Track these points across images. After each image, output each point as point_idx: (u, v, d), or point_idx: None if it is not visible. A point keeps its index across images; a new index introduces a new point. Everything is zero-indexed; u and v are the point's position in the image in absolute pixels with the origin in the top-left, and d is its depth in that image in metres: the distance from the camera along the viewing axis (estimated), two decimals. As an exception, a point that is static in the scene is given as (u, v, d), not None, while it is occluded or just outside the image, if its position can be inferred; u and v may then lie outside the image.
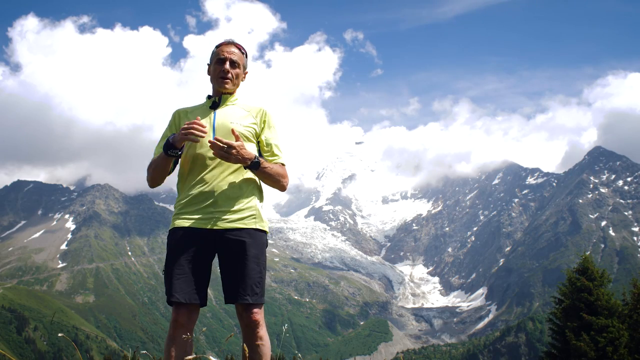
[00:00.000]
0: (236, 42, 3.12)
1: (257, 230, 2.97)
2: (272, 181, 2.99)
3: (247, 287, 2.85)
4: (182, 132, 2.77)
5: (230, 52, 3.05)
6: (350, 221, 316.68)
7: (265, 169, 2.92)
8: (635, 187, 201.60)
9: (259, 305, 2.90)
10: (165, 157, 2.89)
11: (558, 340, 14.95)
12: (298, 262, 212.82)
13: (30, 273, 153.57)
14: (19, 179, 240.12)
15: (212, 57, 3.10)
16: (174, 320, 2.80)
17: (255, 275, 2.89)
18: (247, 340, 2.88)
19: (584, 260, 15.38)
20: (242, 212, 2.94)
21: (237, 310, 2.92)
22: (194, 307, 2.85)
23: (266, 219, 3.06)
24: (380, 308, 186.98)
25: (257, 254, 2.92)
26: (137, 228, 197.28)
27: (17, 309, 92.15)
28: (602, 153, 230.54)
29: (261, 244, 2.97)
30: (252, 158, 2.84)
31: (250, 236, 2.92)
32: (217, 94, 3.09)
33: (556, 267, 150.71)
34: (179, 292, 2.79)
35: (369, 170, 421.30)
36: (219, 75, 3.03)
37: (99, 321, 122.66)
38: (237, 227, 2.91)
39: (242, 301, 2.84)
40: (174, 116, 3.17)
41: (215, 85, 3.09)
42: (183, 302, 2.79)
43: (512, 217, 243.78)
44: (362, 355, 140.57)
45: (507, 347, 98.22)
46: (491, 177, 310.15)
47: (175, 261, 2.85)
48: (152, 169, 3.01)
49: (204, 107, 3.10)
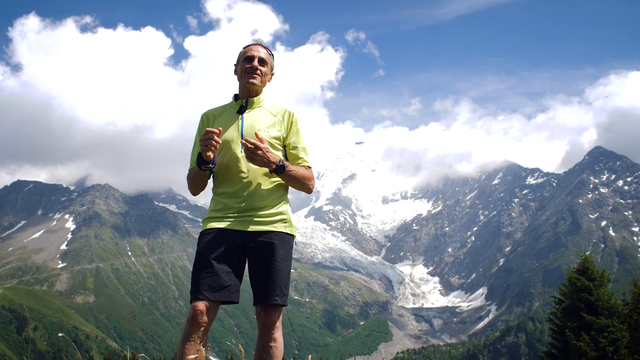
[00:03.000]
0: (264, 44, 3.15)
1: (286, 234, 3.03)
2: (299, 184, 3.03)
3: (277, 288, 2.89)
4: (201, 144, 2.82)
5: (258, 51, 3.09)
6: (350, 221, 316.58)
7: (290, 172, 2.95)
8: (635, 187, 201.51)
9: (280, 307, 2.94)
10: (199, 171, 2.95)
11: (558, 340, 14.93)
12: (298, 262, 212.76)
13: (30, 273, 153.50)
14: (19, 179, 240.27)
15: (240, 56, 3.13)
16: (191, 317, 2.82)
17: (284, 277, 2.95)
18: (261, 341, 2.92)
19: (584, 260, 15.37)
20: (273, 216, 2.99)
21: (257, 310, 2.95)
22: (213, 306, 2.87)
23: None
24: (380, 308, 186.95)
25: (285, 256, 2.98)
26: (137, 228, 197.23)
27: (17, 309, 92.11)
28: (602, 153, 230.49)
29: (289, 247, 3.03)
30: (277, 162, 2.88)
31: (279, 239, 2.98)
32: (245, 95, 3.11)
33: (556, 267, 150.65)
34: (207, 291, 2.83)
35: (369, 170, 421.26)
36: (247, 70, 3.05)
37: (99, 321, 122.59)
38: (268, 230, 2.96)
39: (272, 302, 2.87)
40: (202, 120, 3.18)
41: (243, 82, 3.09)
42: (212, 300, 2.83)
43: (512, 217, 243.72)
44: (362, 355, 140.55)
45: (507, 347, 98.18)
46: (491, 177, 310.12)
47: (204, 260, 2.90)
48: (190, 182, 3.07)
49: (232, 111, 3.11)
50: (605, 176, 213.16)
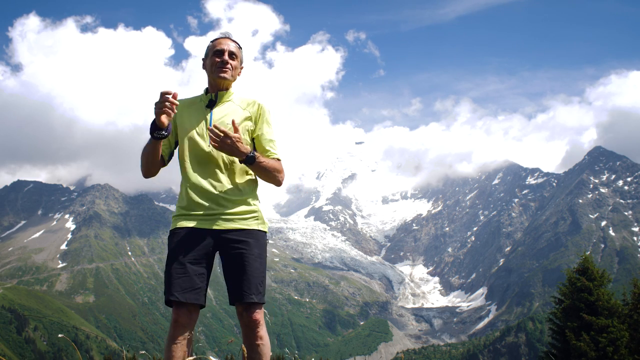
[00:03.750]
0: (232, 37, 3.07)
1: (259, 230, 2.98)
2: (268, 176, 2.96)
3: (252, 287, 2.85)
4: (156, 105, 2.73)
5: (228, 45, 3.01)
6: (350, 221, 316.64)
7: (261, 163, 2.89)
8: (635, 187, 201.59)
9: (261, 305, 2.90)
10: (153, 140, 2.83)
11: (558, 340, 14.94)
12: (298, 262, 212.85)
13: (30, 273, 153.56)
14: (19, 179, 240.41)
15: (209, 50, 3.04)
16: (174, 320, 2.79)
17: (260, 275, 2.90)
18: (247, 340, 2.89)
19: (584, 260, 15.38)
20: (245, 214, 2.95)
21: (238, 310, 2.90)
22: (194, 307, 2.83)
23: (266, 220, 3.05)
24: (380, 308, 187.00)
25: (260, 254, 2.93)
26: (137, 228, 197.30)
27: (17, 309, 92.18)
28: (602, 153, 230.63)
29: (263, 244, 2.99)
30: (247, 152, 2.82)
31: (253, 236, 2.93)
32: (214, 89, 3.02)
33: (556, 267, 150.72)
34: (179, 292, 2.77)
35: (369, 170, 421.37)
36: (217, 65, 2.96)
37: (99, 321, 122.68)
38: (240, 228, 2.91)
39: (248, 300, 2.82)
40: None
41: (212, 77, 3.00)
42: (183, 301, 2.77)
43: (512, 217, 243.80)
44: (362, 355, 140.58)
45: (507, 347, 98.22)
46: (491, 177, 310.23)
47: (176, 261, 2.84)
48: (144, 158, 2.94)
49: (201, 104, 3.03)
50: (605, 176, 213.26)
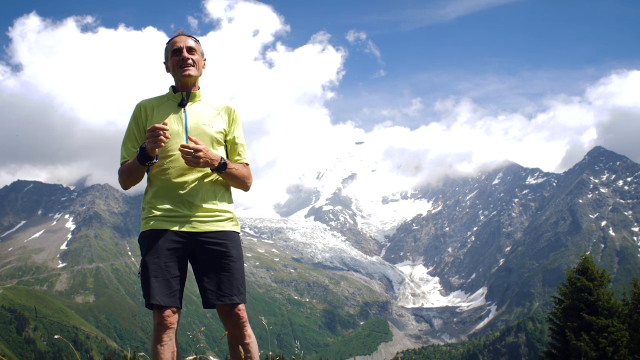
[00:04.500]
0: (186, 33, 3.04)
1: (234, 232, 2.99)
2: (237, 182, 2.99)
3: (234, 288, 2.87)
4: (149, 140, 2.71)
5: (184, 41, 2.98)
6: (350, 221, 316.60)
7: (231, 170, 2.90)
8: (635, 187, 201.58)
9: (243, 304, 2.94)
10: (140, 166, 2.82)
11: (558, 340, 14.93)
12: (298, 262, 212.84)
13: (30, 273, 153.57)
14: (19, 179, 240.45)
15: (167, 52, 3.02)
16: (158, 323, 2.79)
17: (240, 276, 2.92)
18: (235, 340, 2.91)
19: (584, 260, 15.37)
20: (220, 215, 2.94)
21: (222, 311, 2.90)
22: (175, 309, 2.84)
23: (266, 220, 3.10)
24: (380, 308, 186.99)
25: (238, 255, 2.95)
26: (137, 228, 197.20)
27: (17, 309, 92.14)
28: (602, 153, 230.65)
29: (239, 246, 3.01)
30: (218, 159, 2.82)
31: (229, 238, 2.93)
32: (184, 88, 2.99)
33: (556, 267, 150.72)
34: (159, 295, 2.77)
35: (369, 170, 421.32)
36: (179, 64, 2.93)
37: (99, 321, 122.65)
38: (216, 230, 2.90)
39: (231, 301, 2.84)
40: (138, 109, 3.02)
41: (178, 77, 2.97)
42: (163, 305, 2.78)
43: (512, 217, 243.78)
44: (362, 355, 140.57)
45: (507, 347, 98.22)
46: (491, 177, 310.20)
47: (153, 264, 2.81)
48: (126, 176, 2.93)
49: (170, 103, 3.00)
50: (605, 176, 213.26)
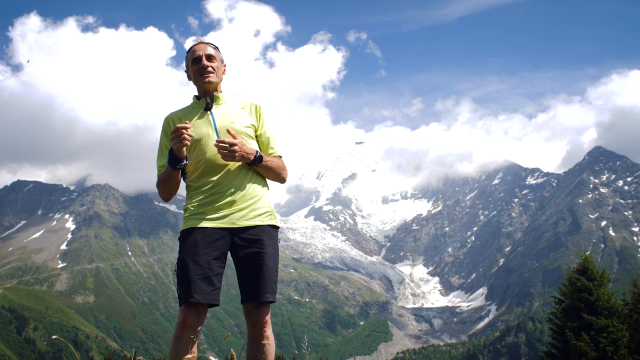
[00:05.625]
0: (204, 40, 3.12)
1: (272, 226, 3.00)
2: (274, 174, 3.04)
3: (268, 286, 2.86)
4: (174, 141, 2.75)
5: (203, 49, 3.05)
6: (350, 221, 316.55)
7: (267, 162, 2.96)
8: (635, 187, 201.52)
9: (269, 304, 2.92)
10: (173, 171, 2.86)
11: (558, 340, 14.93)
12: (298, 262, 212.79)
13: (30, 273, 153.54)
14: (20, 179, 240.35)
15: (187, 61, 3.10)
16: (182, 320, 2.77)
17: (274, 274, 2.91)
18: (253, 339, 2.88)
19: (584, 260, 15.37)
20: (258, 210, 2.96)
21: (246, 309, 2.90)
22: (203, 308, 2.82)
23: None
24: (380, 308, 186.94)
25: (273, 253, 2.95)
26: (137, 228, 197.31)
27: (17, 309, 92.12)
28: (602, 153, 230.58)
29: (276, 242, 3.00)
30: (254, 153, 2.88)
31: (267, 234, 2.94)
32: (205, 95, 3.06)
33: (556, 267, 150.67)
34: (199, 293, 2.75)
35: (369, 170, 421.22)
36: (200, 72, 3.00)
37: (99, 321, 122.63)
38: (255, 225, 2.92)
39: (264, 299, 2.83)
40: (166, 122, 3.09)
41: (200, 85, 3.05)
42: (203, 302, 2.76)
43: (512, 217, 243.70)
44: (362, 355, 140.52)
45: (507, 347, 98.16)
46: (491, 177, 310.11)
47: (194, 262, 2.80)
48: (163, 186, 2.94)
49: (197, 110, 3.06)
50: (605, 176, 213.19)
